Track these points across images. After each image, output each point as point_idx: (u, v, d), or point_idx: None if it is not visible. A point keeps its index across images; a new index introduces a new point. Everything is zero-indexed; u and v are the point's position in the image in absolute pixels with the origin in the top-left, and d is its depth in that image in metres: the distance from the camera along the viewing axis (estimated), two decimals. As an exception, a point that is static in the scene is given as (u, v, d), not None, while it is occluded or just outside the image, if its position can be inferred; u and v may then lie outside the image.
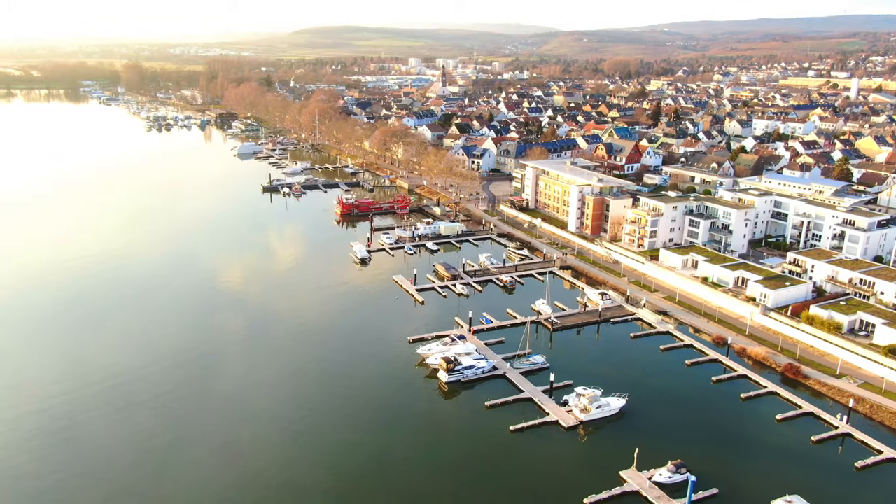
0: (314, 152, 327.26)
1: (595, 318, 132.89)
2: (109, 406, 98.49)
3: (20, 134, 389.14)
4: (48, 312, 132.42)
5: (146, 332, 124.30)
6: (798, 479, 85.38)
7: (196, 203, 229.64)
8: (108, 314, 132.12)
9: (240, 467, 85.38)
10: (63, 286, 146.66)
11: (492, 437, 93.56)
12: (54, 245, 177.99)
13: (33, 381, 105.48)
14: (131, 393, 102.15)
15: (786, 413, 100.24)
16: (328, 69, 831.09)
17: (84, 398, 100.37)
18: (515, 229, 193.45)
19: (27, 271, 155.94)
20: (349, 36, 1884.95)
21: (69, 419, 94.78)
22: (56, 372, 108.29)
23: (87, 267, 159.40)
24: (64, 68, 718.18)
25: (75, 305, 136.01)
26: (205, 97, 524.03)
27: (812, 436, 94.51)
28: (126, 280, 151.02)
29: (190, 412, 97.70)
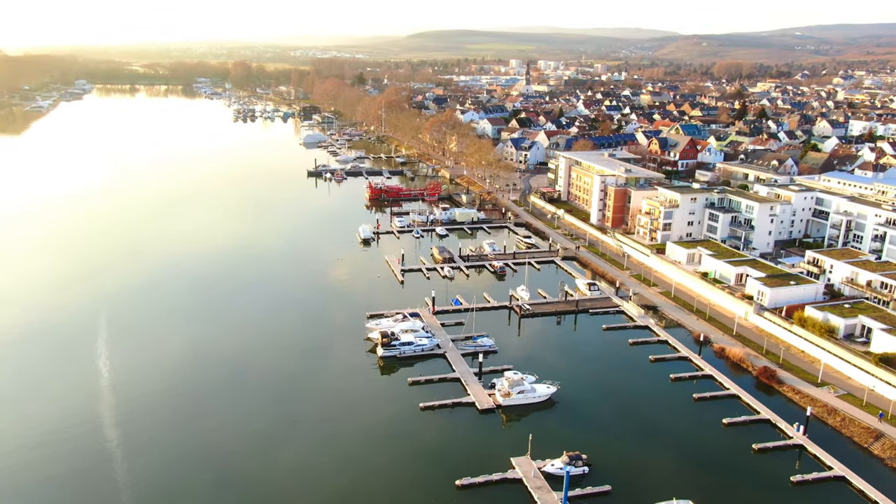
0: (377, 143, 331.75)
1: (572, 308, 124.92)
2: (228, 387, 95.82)
3: (126, 124, 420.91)
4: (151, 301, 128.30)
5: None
6: (710, 486, 75.66)
7: (246, 185, 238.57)
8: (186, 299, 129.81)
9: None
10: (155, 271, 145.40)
11: (400, 413, 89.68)
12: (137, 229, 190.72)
13: (162, 360, 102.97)
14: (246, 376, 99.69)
15: (736, 418, 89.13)
16: (428, 70, 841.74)
17: (206, 380, 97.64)
18: (537, 219, 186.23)
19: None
20: (462, 40, 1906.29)
21: (191, 398, 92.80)
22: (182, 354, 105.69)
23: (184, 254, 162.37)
24: (184, 67, 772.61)
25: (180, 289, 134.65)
26: (296, 92, 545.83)
27: (756, 444, 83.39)
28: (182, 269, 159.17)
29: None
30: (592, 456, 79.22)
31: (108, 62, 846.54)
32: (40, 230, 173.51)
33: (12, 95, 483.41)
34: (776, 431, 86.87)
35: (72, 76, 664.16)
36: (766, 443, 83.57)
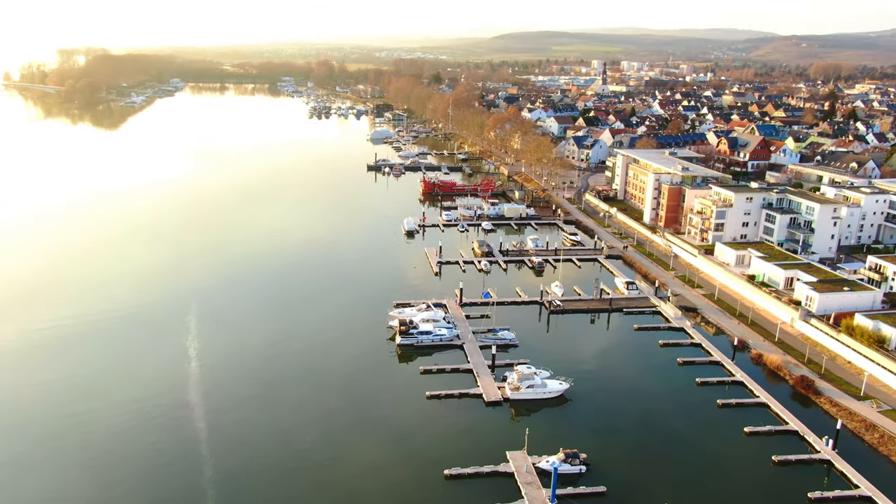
0: (443, 140, 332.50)
1: (605, 306, 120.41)
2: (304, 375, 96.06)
3: (208, 119, 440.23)
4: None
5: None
6: (716, 496, 70.81)
7: (309, 178, 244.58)
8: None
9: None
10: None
11: (405, 400, 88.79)
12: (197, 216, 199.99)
13: (239, 346, 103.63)
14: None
15: (759, 427, 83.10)
16: (507, 70, 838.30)
17: (286, 369, 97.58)
18: (588, 218, 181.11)
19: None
20: (547, 41, 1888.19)
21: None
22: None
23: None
24: (270, 66, 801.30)
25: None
26: (372, 91, 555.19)
27: (777, 455, 77.36)
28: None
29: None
30: (595, 456, 75.84)
31: (203, 62, 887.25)
32: (129, 219, 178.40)
33: (110, 92, 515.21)
34: (803, 444, 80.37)
35: (167, 74, 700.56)
36: (789, 455, 77.35)
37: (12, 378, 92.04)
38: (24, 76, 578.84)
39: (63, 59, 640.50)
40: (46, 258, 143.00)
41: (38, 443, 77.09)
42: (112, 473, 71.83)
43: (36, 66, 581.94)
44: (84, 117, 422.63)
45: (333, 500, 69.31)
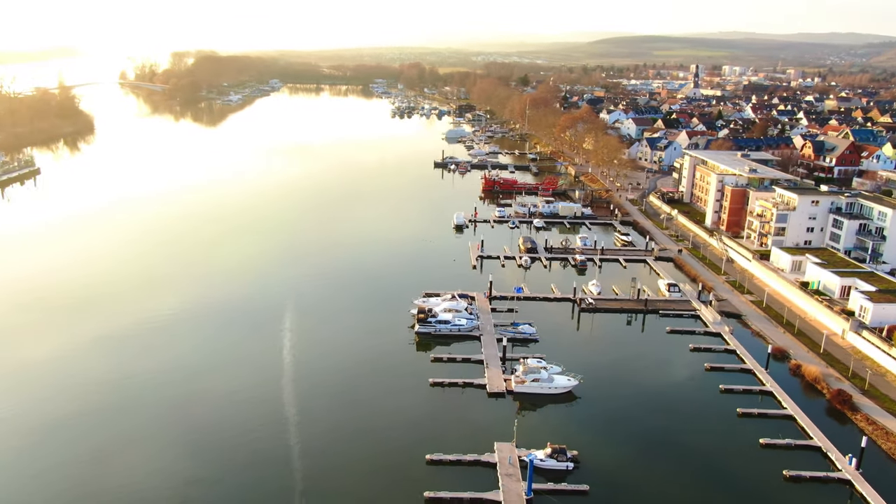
0: (518, 140, 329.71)
1: (640, 307, 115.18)
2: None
3: (296, 117, 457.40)
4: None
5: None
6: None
7: (379, 173, 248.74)
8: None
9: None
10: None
11: (408, 388, 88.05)
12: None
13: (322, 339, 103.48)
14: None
15: (776, 439, 76.76)
16: (600, 74, 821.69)
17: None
18: (647, 219, 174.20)
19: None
20: (649, 45, 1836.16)
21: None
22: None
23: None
24: (364, 68, 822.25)
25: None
26: (458, 92, 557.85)
27: (790, 470, 71.14)
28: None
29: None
30: (588, 455, 72.76)
31: (303, 64, 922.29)
32: (220, 211, 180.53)
33: (210, 90, 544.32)
34: (824, 461, 73.58)
35: (268, 75, 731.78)
36: (803, 471, 70.97)
37: (123, 361, 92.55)
38: (137, 76, 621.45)
39: (174, 61, 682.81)
40: (153, 248, 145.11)
41: (145, 423, 77.54)
42: (208, 456, 72.05)
43: (148, 66, 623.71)
44: (184, 113, 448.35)
45: (311, 471, 69.75)
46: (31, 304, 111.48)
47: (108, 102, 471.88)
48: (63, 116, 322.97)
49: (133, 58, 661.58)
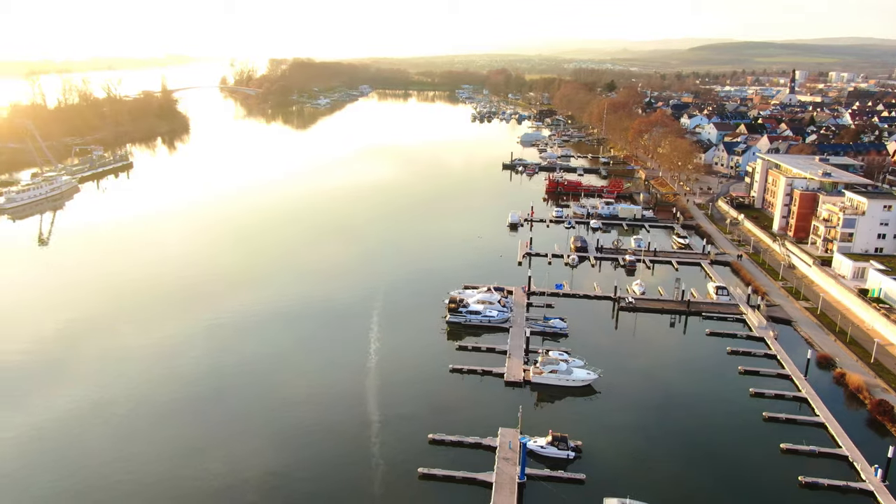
0: (595, 144, 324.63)
1: (682, 308, 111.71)
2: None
3: (378, 120, 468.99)
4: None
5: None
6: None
7: (449, 173, 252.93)
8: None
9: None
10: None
11: (429, 373, 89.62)
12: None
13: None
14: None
15: (798, 445, 72.84)
16: (692, 80, 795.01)
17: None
18: (711, 224, 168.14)
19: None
20: (751, 52, 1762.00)
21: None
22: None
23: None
24: (451, 75, 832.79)
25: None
26: (540, 98, 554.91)
27: (806, 477, 67.50)
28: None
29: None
30: (593, 446, 72.02)
31: (394, 70, 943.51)
32: (306, 212, 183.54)
33: (301, 95, 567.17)
34: (851, 471, 69.30)
35: (358, 81, 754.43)
36: (822, 479, 67.17)
37: (215, 352, 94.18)
38: (236, 80, 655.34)
39: (271, 67, 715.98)
40: (241, 244, 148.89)
41: (235, 413, 78.34)
42: (291, 443, 72.59)
43: (247, 71, 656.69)
44: (275, 116, 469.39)
45: (315, 443, 72.49)
46: (128, 295, 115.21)
47: (205, 105, 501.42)
48: (161, 117, 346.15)
49: (234, 64, 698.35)
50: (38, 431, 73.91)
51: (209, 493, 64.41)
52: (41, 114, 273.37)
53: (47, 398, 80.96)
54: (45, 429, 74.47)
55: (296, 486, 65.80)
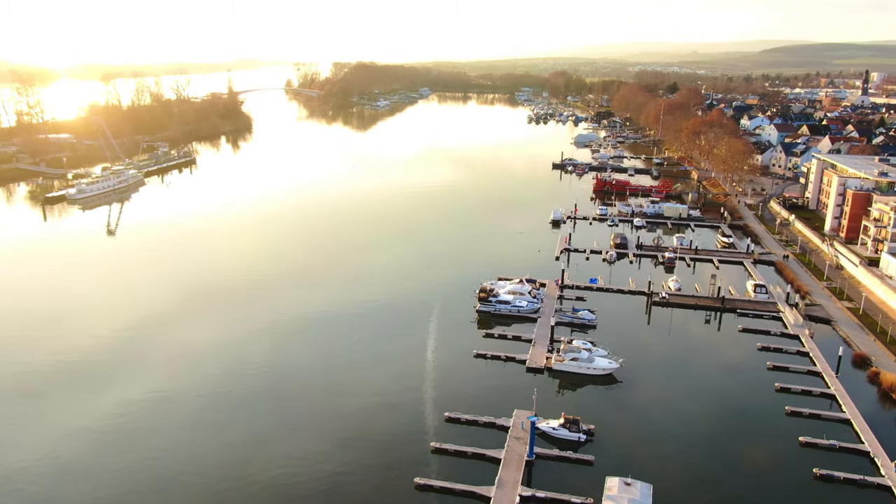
0: (651, 145, 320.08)
1: (717, 305, 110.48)
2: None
3: (435, 122, 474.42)
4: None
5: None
6: (716, 499, 63.70)
7: (499, 173, 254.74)
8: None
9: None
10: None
11: (454, 357, 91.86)
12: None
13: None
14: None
15: (818, 438, 71.77)
16: (761, 82, 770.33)
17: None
18: (760, 224, 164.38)
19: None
20: (828, 54, 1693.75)
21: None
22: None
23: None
24: (511, 77, 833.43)
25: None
26: (599, 100, 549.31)
27: (821, 469, 66.62)
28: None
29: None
30: (606, 431, 72.97)
31: (455, 73, 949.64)
32: (362, 212, 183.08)
33: (361, 97, 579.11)
34: (871, 466, 67.92)
35: (418, 84, 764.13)
36: (837, 472, 66.14)
37: (278, 351, 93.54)
38: (300, 83, 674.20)
39: (335, 70, 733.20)
40: (301, 243, 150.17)
41: (298, 410, 77.76)
42: (352, 444, 71.63)
43: (310, 74, 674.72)
44: (335, 117, 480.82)
45: (337, 418, 75.97)
46: (192, 288, 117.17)
47: (269, 106, 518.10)
48: (226, 117, 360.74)
49: (299, 67, 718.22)
50: (110, 421, 74.62)
51: (267, 486, 64.38)
52: (115, 113, 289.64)
53: (117, 389, 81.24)
54: (117, 419, 75.01)
55: (322, 450, 69.26)
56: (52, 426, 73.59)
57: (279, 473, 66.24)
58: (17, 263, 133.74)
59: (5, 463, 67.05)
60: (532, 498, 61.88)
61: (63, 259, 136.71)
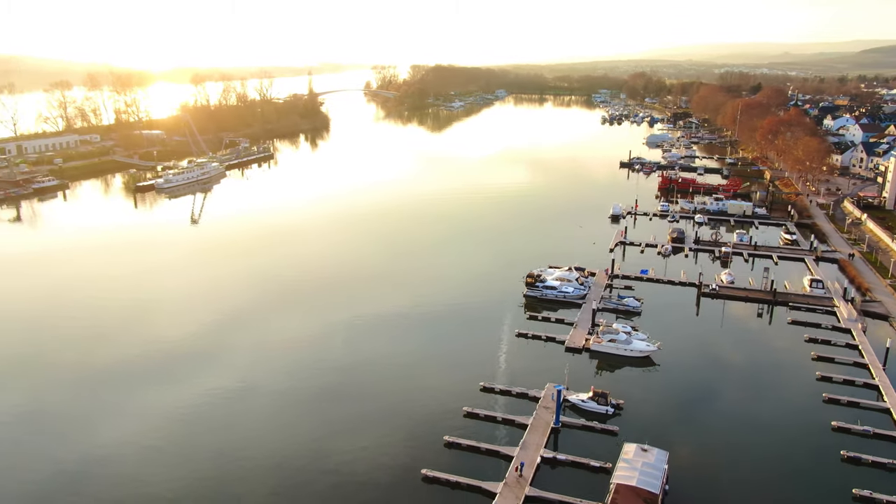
0: (728, 145, 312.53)
1: (769, 298, 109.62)
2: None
3: (509, 123, 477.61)
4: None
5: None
6: (732, 479, 65.13)
7: (569, 169, 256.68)
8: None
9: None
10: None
11: (498, 336, 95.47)
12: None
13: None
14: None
15: (854, 425, 71.50)
16: (855, 83, 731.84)
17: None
18: (830, 223, 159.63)
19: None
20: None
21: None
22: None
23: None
24: (589, 79, 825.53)
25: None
26: (677, 101, 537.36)
27: (849, 451, 66.63)
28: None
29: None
30: (636, 407, 75.53)
31: (533, 75, 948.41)
32: (435, 211, 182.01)
33: (437, 98, 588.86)
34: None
35: (494, 86, 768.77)
36: (866, 455, 66.09)
37: (352, 348, 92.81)
38: (379, 85, 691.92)
39: (412, 72, 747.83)
40: (375, 241, 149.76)
41: (369, 408, 76.54)
42: (397, 409, 75.52)
43: (389, 76, 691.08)
44: (410, 118, 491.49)
45: (375, 383, 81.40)
46: (271, 283, 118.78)
47: (347, 106, 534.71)
48: (305, 116, 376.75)
49: (378, 70, 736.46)
50: (191, 412, 75.24)
51: (338, 474, 64.90)
52: (202, 112, 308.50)
53: (196, 382, 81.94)
54: (198, 410, 75.79)
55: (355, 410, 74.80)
56: (139, 412, 75.00)
57: (345, 461, 66.67)
58: (109, 252, 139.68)
59: (94, 446, 68.85)
60: (553, 459, 65.24)
61: (152, 249, 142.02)
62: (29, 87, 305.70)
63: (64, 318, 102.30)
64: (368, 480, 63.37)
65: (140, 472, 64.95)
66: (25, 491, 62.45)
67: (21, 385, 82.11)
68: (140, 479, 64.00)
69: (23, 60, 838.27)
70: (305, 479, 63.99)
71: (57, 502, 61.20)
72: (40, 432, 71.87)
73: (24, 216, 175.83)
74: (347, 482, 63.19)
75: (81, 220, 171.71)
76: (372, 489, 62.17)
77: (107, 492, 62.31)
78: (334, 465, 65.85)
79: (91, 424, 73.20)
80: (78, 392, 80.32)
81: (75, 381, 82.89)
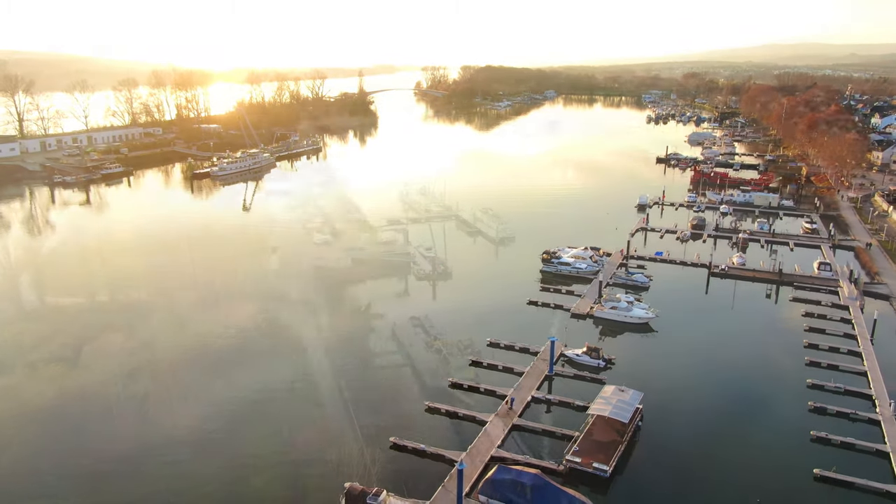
0: (772, 144, 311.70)
1: (774, 277, 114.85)
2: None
3: (556, 123, 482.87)
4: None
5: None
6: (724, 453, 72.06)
7: (605, 167, 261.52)
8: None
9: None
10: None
11: (510, 303, 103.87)
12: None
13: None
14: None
15: (827, 382, 77.22)
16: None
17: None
18: (856, 215, 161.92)
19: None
20: None
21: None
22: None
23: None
24: (639, 79, 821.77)
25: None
26: (727, 101, 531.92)
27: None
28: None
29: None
30: (626, 362, 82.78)
31: (583, 76, 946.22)
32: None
33: (485, 98, 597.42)
34: (868, 405, 72.97)
35: (544, 86, 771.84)
36: (830, 405, 72.21)
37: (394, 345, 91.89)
38: (429, 85, 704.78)
39: (463, 73, 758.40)
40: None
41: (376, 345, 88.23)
42: (412, 360, 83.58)
43: (439, 77, 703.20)
44: (457, 117, 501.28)
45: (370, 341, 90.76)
46: (321, 275, 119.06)
47: (397, 105, 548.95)
48: (354, 113, 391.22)
49: (429, 70, 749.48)
50: (247, 404, 75.03)
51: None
52: (257, 109, 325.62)
53: (251, 372, 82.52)
54: (254, 404, 75.16)
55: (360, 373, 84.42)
56: (193, 403, 75.28)
57: (365, 386, 76.79)
58: (167, 239, 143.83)
59: (152, 434, 69.52)
60: (542, 399, 73.58)
61: (208, 239, 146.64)
62: (100, 86, 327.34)
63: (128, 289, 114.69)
64: (382, 409, 72.87)
65: (192, 461, 65.23)
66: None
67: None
68: (183, 463, 64.69)
69: (95, 62, 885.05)
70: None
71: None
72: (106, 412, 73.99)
73: (93, 199, 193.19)
74: (362, 409, 72.77)
75: (143, 202, 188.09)
76: (388, 413, 71.71)
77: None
78: (353, 395, 75.70)
79: (167, 410, 73.99)
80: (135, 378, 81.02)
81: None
